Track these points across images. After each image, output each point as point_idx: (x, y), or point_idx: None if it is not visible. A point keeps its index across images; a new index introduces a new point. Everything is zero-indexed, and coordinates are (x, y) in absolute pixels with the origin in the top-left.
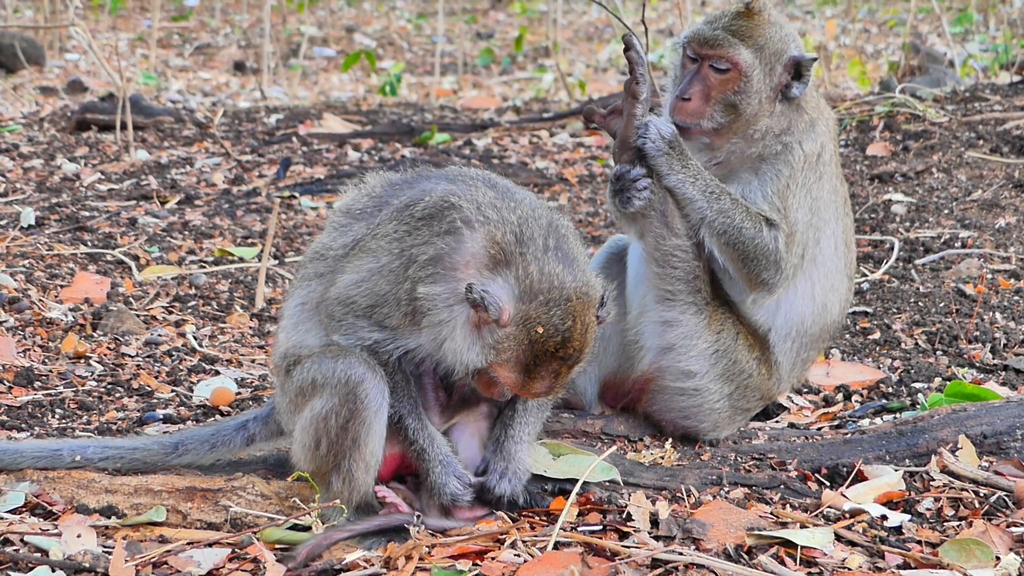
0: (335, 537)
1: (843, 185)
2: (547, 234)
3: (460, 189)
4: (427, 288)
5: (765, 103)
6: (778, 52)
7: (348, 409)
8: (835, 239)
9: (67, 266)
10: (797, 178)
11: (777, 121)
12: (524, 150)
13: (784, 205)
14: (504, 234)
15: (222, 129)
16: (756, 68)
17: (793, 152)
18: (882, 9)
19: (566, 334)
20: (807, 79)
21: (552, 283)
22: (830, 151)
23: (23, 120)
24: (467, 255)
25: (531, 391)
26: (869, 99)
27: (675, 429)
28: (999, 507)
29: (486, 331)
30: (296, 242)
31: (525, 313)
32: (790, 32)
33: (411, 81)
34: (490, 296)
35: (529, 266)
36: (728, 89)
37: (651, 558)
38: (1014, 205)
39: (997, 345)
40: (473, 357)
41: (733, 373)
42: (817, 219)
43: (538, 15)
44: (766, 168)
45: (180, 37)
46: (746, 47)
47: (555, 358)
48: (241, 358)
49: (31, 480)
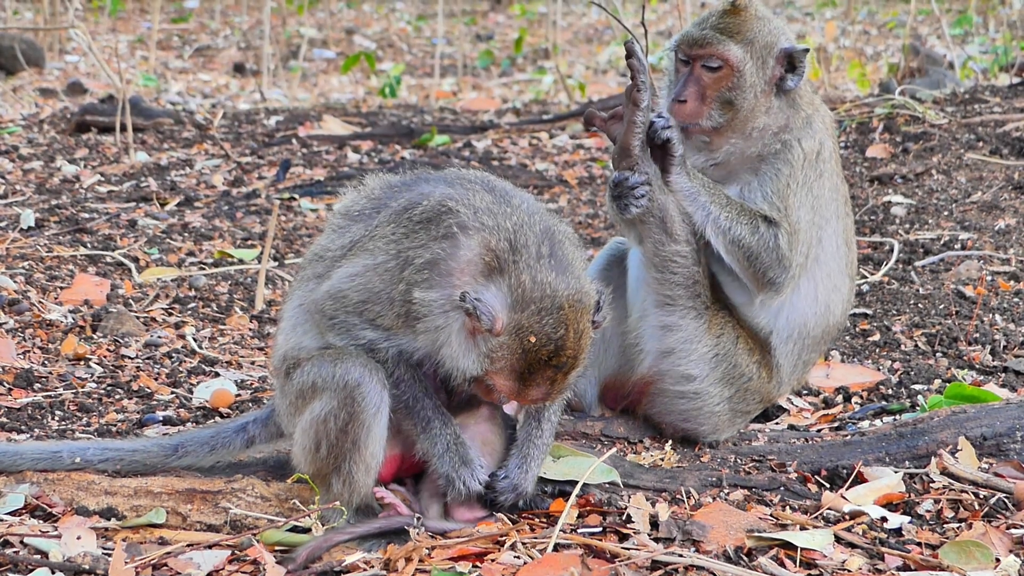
0: (335, 539)
1: (843, 184)
2: (541, 241)
3: (458, 193)
4: (423, 293)
5: (761, 98)
6: (768, 45)
7: (347, 412)
8: (836, 238)
9: (67, 268)
10: (797, 176)
11: (774, 118)
12: (524, 152)
13: (785, 204)
14: (499, 241)
15: (222, 131)
16: (748, 62)
17: (792, 150)
18: (882, 11)
19: (559, 343)
20: (801, 70)
21: (544, 292)
22: (829, 148)
23: (23, 122)
24: (462, 262)
25: (527, 398)
26: (869, 101)
27: (675, 431)
28: (999, 509)
29: (480, 339)
30: (296, 244)
31: (518, 322)
32: (779, 25)
33: (411, 83)
34: (483, 305)
35: (522, 275)
36: (722, 86)
37: (651, 560)
38: (1014, 207)
39: (997, 347)
40: (469, 364)
41: (733, 377)
42: (819, 217)
43: (538, 17)
44: (765, 168)
45: (180, 39)
46: (735, 43)
47: (549, 366)
48: (241, 360)
49: (31, 482)
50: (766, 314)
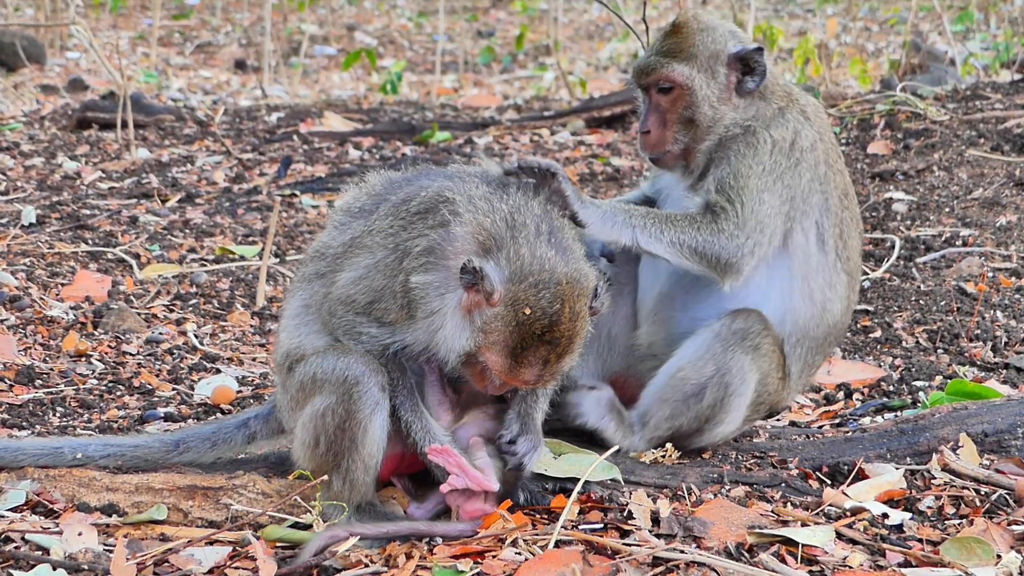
0: (339, 535)
1: (840, 176)
2: (540, 222)
3: (454, 184)
4: (420, 277)
5: (720, 106)
6: (715, 54)
7: (345, 408)
8: (820, 232)
9: (68, 264)
10: (762, 160)
11: (742, 114)
12: (525, 148)
13: (740, 185)
14: (494, 222)
15: (223, 127)
16: (695, 77)
17: (757, 135)
18: (883, 7)
19: (553, 317)
20: (760, 70)
21: (543, 266)
22: (810, 139)
23: (24, 118)
24: (457, 243)
25: (520, 378)
26: (870, 97)
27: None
28: (1000, 505)
29: (476, 314)
30: (297, 240)
31: (514, 294)
32: (725, 32)
33: (412, 79)
34: (485, 272)
35: (520, 248)
36: (679, 107)
37: (652, 556)
38: (1015, 203)
39: (998, 343)
40: (463, 342)
41: (762, 399)
42: (793, 209)
43: (539, 13)
44: (723, 153)
45: (181, 35)
46: (678, 61)
47: (542, 342)
48: (242, 356)
49: (32, 478)
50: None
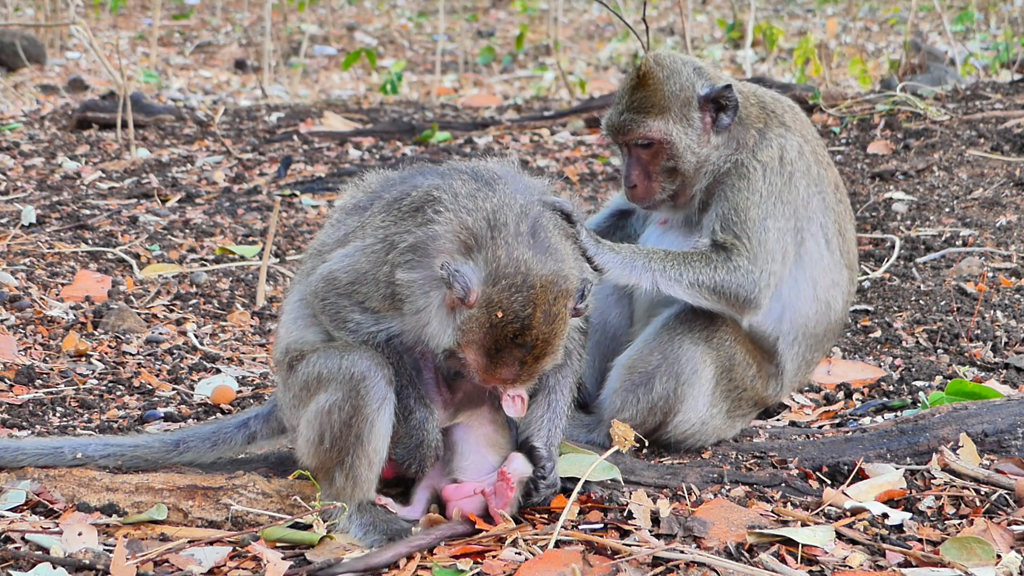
0: (400, 551)
1: (828, 171)
2: (521, 221)
3: (444, 182)
4: (405, 274)
5: (700, 150)
6: (686, 100)
7: (351, 404)
8: (825, 232)
9: (68, 264)
10: (759, 188)
11: (724, 150)
12: (525, 148)
13: (743, 219)
14: (476, 220)
15: (223, 127)
16: (672, 130)
17: (747, 165)
18: (883, 7)
19: (525, 321)
20: (732, 105)
21: (518, 268)
22: (795, 147)
23: (24, 118)
24: (440, 242)
25: (496, 377)
26: (870, 97)
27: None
28: (1000, 505)
29: (457, 312)
30: (297, 240)
31: (489, 296)
32: (690, 72)
33: (412, 79)
34: (459, 276)
35: (498, 250)
36: (660, 159)
37: (652, 556)
38: (1015, 203)
39: (998, 343)
40: (446, 339)
41: (729, 390)
42: (798, 220)
43: (539, 13)
44: (721, 190)
45: (181, 35)
46: (652, 117)
47: (515, 345)
48: (242, 356)
49: (32, 478)
50: (770, 322)
